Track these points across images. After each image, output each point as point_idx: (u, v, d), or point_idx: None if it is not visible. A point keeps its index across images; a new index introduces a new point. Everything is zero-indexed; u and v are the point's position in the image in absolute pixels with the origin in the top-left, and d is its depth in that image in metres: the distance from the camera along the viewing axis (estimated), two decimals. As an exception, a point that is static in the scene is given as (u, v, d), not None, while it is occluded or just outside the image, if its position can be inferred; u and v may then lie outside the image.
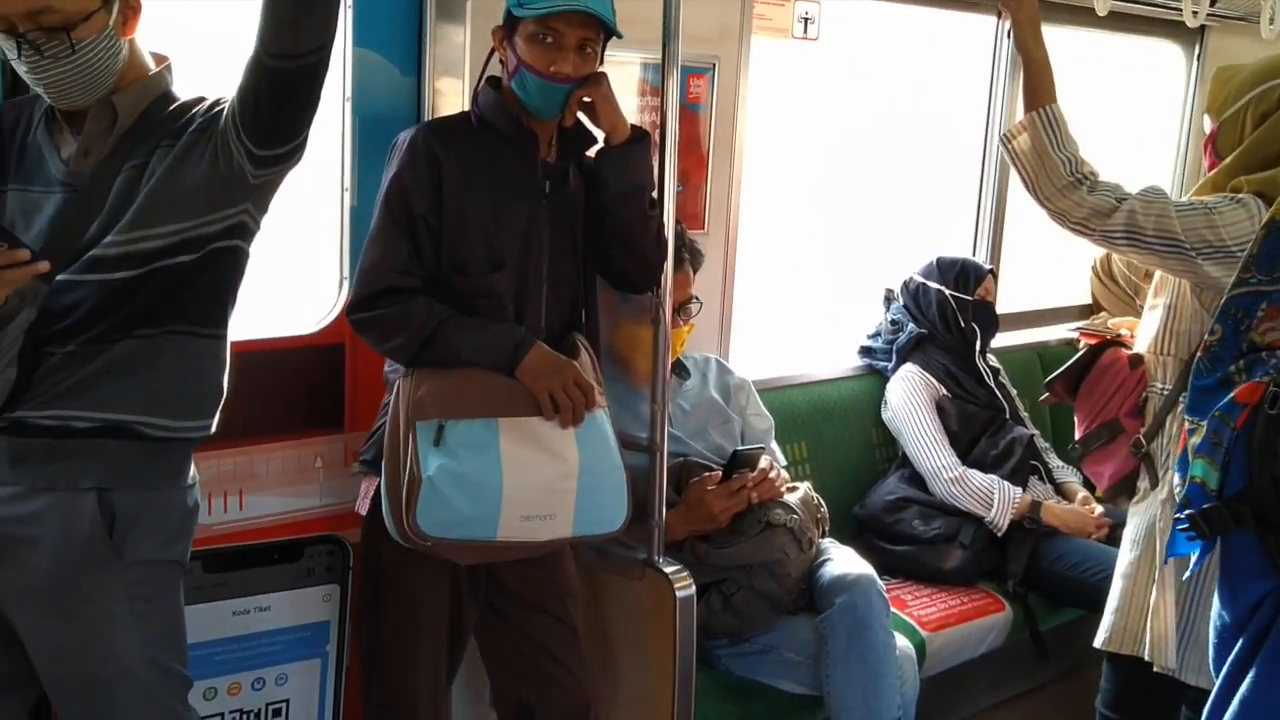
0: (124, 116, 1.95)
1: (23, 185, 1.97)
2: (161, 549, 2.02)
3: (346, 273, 2.55)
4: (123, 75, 1.94)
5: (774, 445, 3.04)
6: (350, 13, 2.44)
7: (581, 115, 2.33)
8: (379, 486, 2.27)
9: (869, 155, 4.09)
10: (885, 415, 3.58)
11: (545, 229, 2.32)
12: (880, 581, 2.77)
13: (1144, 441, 2.62)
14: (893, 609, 2.85)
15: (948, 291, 3.60)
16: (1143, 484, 2.65)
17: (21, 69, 1.86)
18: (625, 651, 2.62)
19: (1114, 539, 2.98)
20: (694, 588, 2.47)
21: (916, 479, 3.44)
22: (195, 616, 2.17)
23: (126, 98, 1.95)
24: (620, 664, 2.63)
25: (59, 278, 1.88)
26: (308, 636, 2.60)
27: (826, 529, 2.89)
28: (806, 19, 3.34)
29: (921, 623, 3.07)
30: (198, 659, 2.17)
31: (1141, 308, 2.84)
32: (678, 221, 2.49)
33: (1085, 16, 3.63)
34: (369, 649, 2.47)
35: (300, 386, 2.57)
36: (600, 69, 2.29)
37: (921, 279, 3.67)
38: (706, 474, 2.74)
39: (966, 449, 3.46)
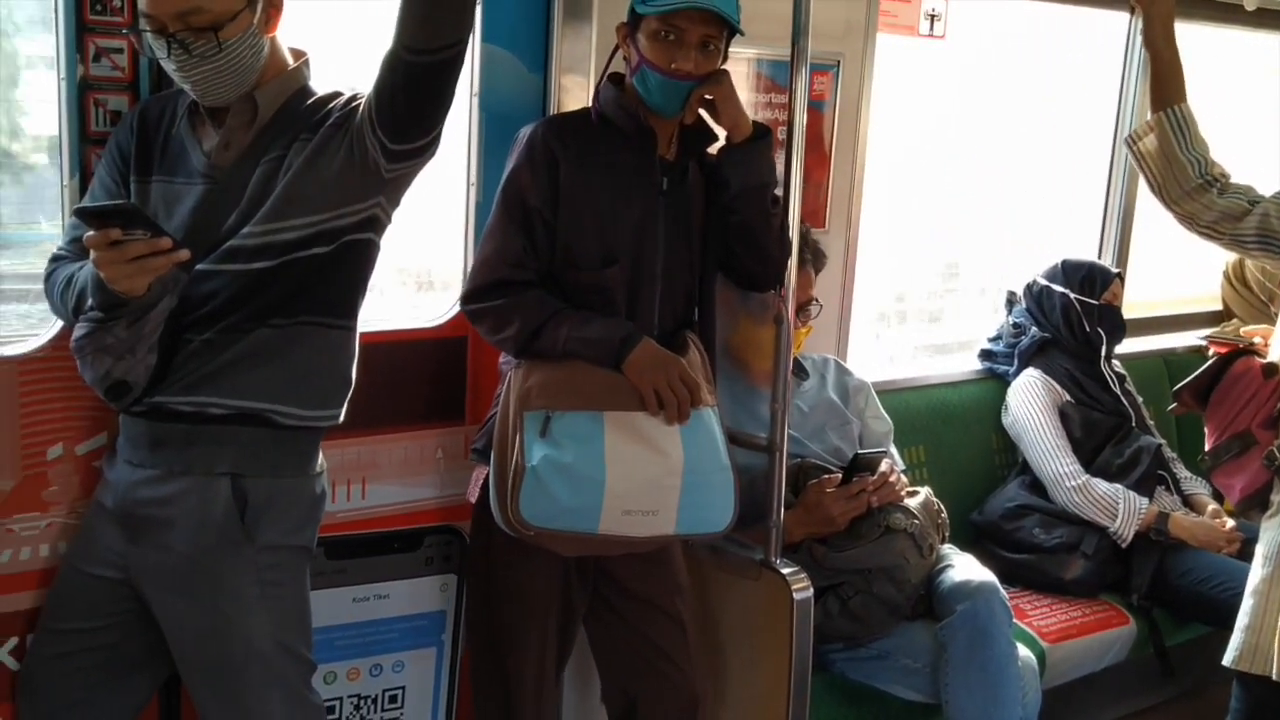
0: (264, 111, 2.00)
1: (166, 177, 2.03)
2: (291, 534, 2.07)
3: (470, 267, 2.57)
4: (264, 71, 1.99)
5: (893, 449, 2.99)
6: (480, 9, 2.47)
7: (703, 112, 2.32)
8: (489, 475, 2.29)
9: (994, 155, 4.01)
10: (1006, 420, 3.51)
11: (660, 226, 2.31)
12: (1003, 590, 2.71)
13: (1278, 455, 2.53)
14: (1014, 619, 2.79)
15: (1073, 295, 3.51)
16: (1276, 498, 2.56)
17: (170, 67, 1.92)
18: (737, 651, 2.60)
19: (1245, 554, 2.89)
20: (811, 590, 2.44)
21: (1037, 486, 3.37)
22: (317, 602, 2.20)
23: (267, 93, 2.00)
24: (731, 663, 2.61)
25: (198, 267, 1.93)
26: (424, 625, 2.64)
27: (947, 535, 2.85)
28: (933, 16, 3.29)
29: (1042, 633, 3.00)
30: (319, 643, 2.21)
31: (1276, 314, 2.75)
32: (802, 221, 2.46)
33: (1231, 13, 3.50)
34: (478, 636, 2.49)
35: (424, 378, 2.60)
36: (728, 65, 2.28)
37: (1045, 282, 3.59)
38: (825, 476, 2.71)
39: (1090, 457, 3.37)
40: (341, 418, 2.13)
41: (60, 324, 2.13)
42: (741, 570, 2.52)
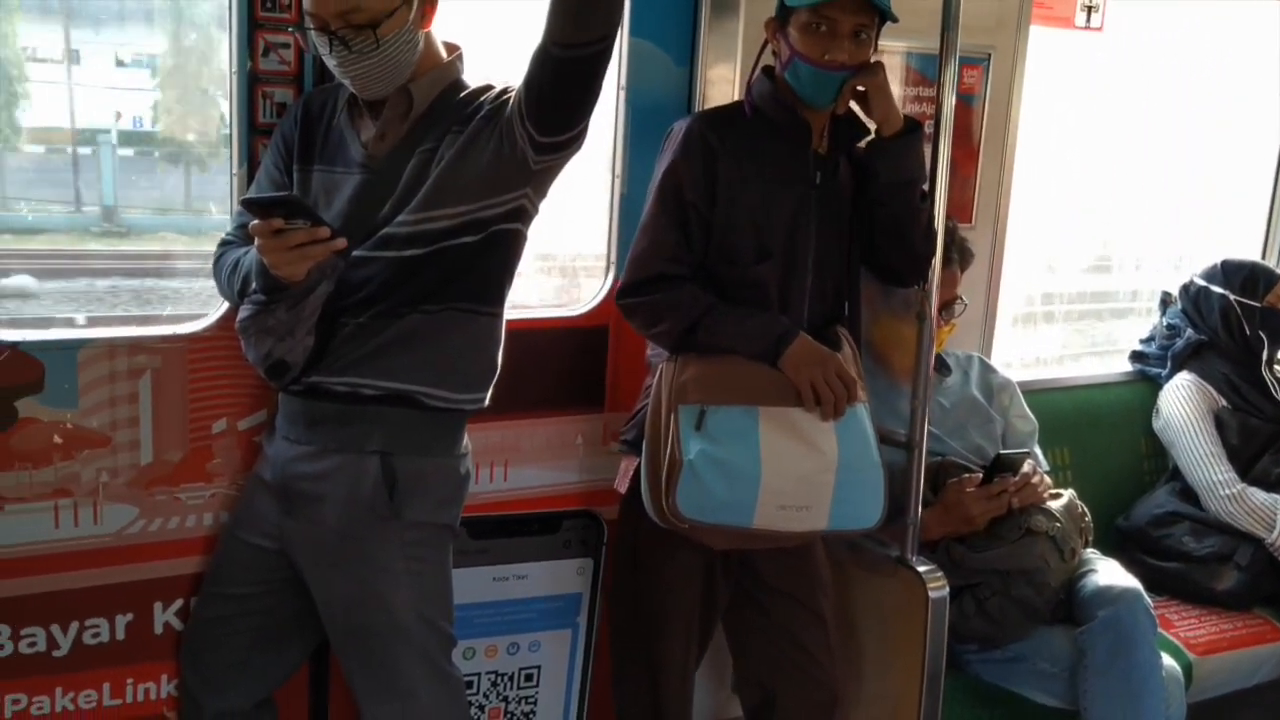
0: (418, 104, 2.07)
1: (326, 166, 2.12)
2: (436, 512, 2.14)
3: (614, 258, 2.62)
4: (419, 65, 2.06)
5: (1036, 450, 2.93)
6: (629, 4, 2.50)
7: (854, 105, 2.31)
8: (638, 466, 2.32)
9: (1152, 151, 3.87)
10: (1157, 425, 3.40)
11: (813, 220, 2.31)
12: (1147, 598, 2.64)
13: None
14: (1159, 628, 2.71)
15: (1233, 296, 3.37)
16: None
17: (331, 63, 2.01)
18: (871, 648, 2.59)
19: None
20: (947, 589, 2.41)
21: (1188, 493, 3.26)
22: (459, 580, 2.28)
23: (421, 86, 2.07)
24: (865, 660, 2.60)
25: (354, 253, 2.02)
26: (561, 607, 2.69)
27: (1090, 539, 2.78)
28: (1090, 8, 3.20)
29: (1189, 644, 2.90)
30: (459, 620, 2.28)
31: None
32: (949, 218, 2.43)
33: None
34: (621, 624, 2.53)
35: (565, 366, 2.65)
36: (876, 57, 2.26)
37: (1204, 282, 3.45)
38: (966, 475, 2.67)
39: (1247, 466, 3.24)
40: (487, 402, 2.19)
41: (226, 305, 2.24)
42: (877, 567, 2.51)
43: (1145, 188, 3.91)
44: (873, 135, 2.33)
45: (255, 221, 1.88)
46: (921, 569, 2.42)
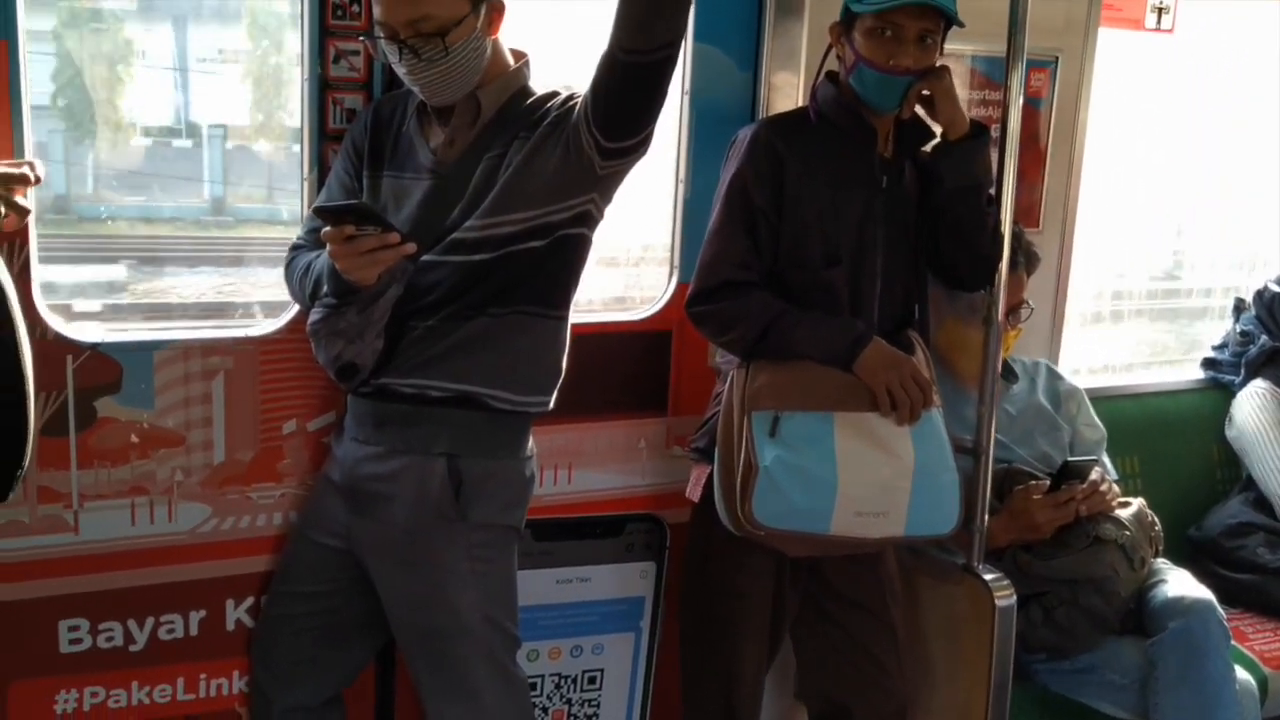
0: (486, 110, 2.09)
1: (396, 172, 2.16)
2: (501, 514, 2.16)
3: (678, 262, 2.62)
4: (487, 72, 2.08)
5: (1105, 458, 2.89)
6: (693, 8, 2.50)
7: (919, 109, 2.30)
8: (710, 474, 2.32)
9: (1223, 156, 3.81)
10: (1230, 433, 3.34)
11: (880, 224, 2.30)
12: (1220, 609, 2.59)
13: None
14: (1232, 640, 2.65)
15: (1309, 302, 3.31)
16: None
17: (401, 71, 2.04)
18: (938, 657, 2.56)
19: None
20: (1014, 598, 2.39)
21: (1263, 503, 3.20)
22: (523, 581, 2.30)
23: (489, 93, 2.09)
24: (933, 669, 2.58)
25: (423, 258, 2.04)
26: (624, 610, 2.70)
27: (1160, 549, 2.73)
28: (1160, 9, 3.15)
29: (1264, 658, 2.85)
30: (523, 622, 2.29)
31: None
32: (1015, 221, 2.41)
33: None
34: (692, 631, 2.53)
35: (629, 369, 2.67)
36: (941, 61, 2.25)
37: (1278, 288, 3.39)
38: (1032, 482, 2.64)
39: (1323, 476, 3.17)
40: (552, 405, 2.21)
41: (296, 308, 2.28)
42: (943, 575, 2.49)
43: (1216, 190, 3.84)
44: (938, 139, 2.32)
45: (328, 228, 1.92)
46: (988, 577, 2.40)
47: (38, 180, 1.81)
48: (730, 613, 2.43)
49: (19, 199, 1.75)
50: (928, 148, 2.35)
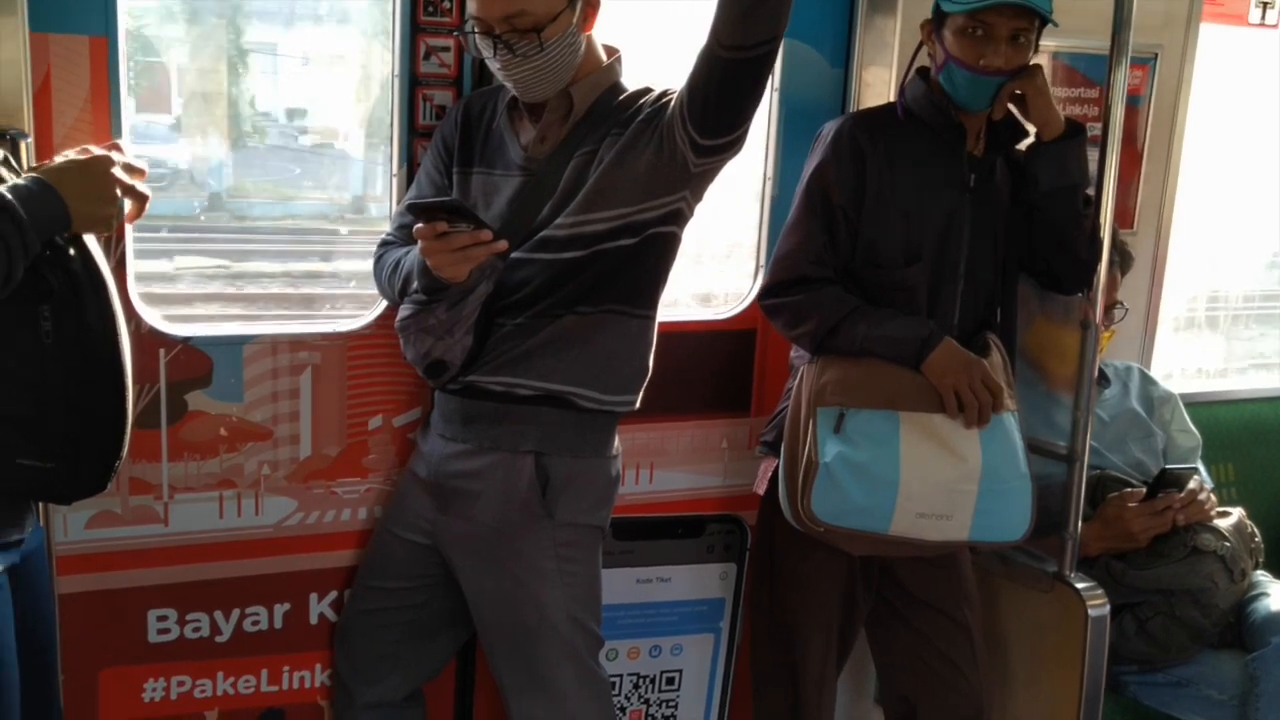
0: (578, 106, 2.08)
1: (486, 169, 2.15)
2: (587, 513, 2.15)
3: (763, 260, 2.59)
4: (580, 68, 2.06)
5: (1200, 466, 2.82)
6: (792, 4, 2.48)
7: (1012, 107, 2.25)
8: (777, 468, 2.30)
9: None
10: (1332, 442, 3.24)
11: (966, 224, 2.26)
12: (1326, 625, 2.51)
13: None
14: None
15: None
16: None
17: (495, 66, 2.03)
18: (1023, 664, 2.52)
19: None
20: (1108, 607, 2.33)
21: (1368, 515, 3.09)
22: (604, 580, 2.27)
23: (582, 89, 2.07)
24: (1016, 676, 2.53)
25: (512, 255, 2.03)
26: (704, 611, 2.69)
27: (1261, 560, 2.66)
28: (1265, 4, 3.06)
29: (1368, 676, 2.74)
30: (603, 621, 2.28)
31: None
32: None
33: None
34: (761, 627, 2.51)
35: (713, 369, 2.64)
36: (1035, 60, 2.20)
37: (1382, 293, 3.28)
38: (1128, 490, 2.58)
39: None
40: (638, 404, 2.19)
41: (385, 304, 2.29)
42: (1032, 582, 2.44)
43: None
44: (1032, 138, 2.27)
45: (420, 224, 1.91)
46: (1080, 585, 2.35)
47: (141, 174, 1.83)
48: (795, 607, 2.41)
49: (139, 185, 1.76)
50: (1022, 146, 2.30)
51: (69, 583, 2.17)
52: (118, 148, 1.83)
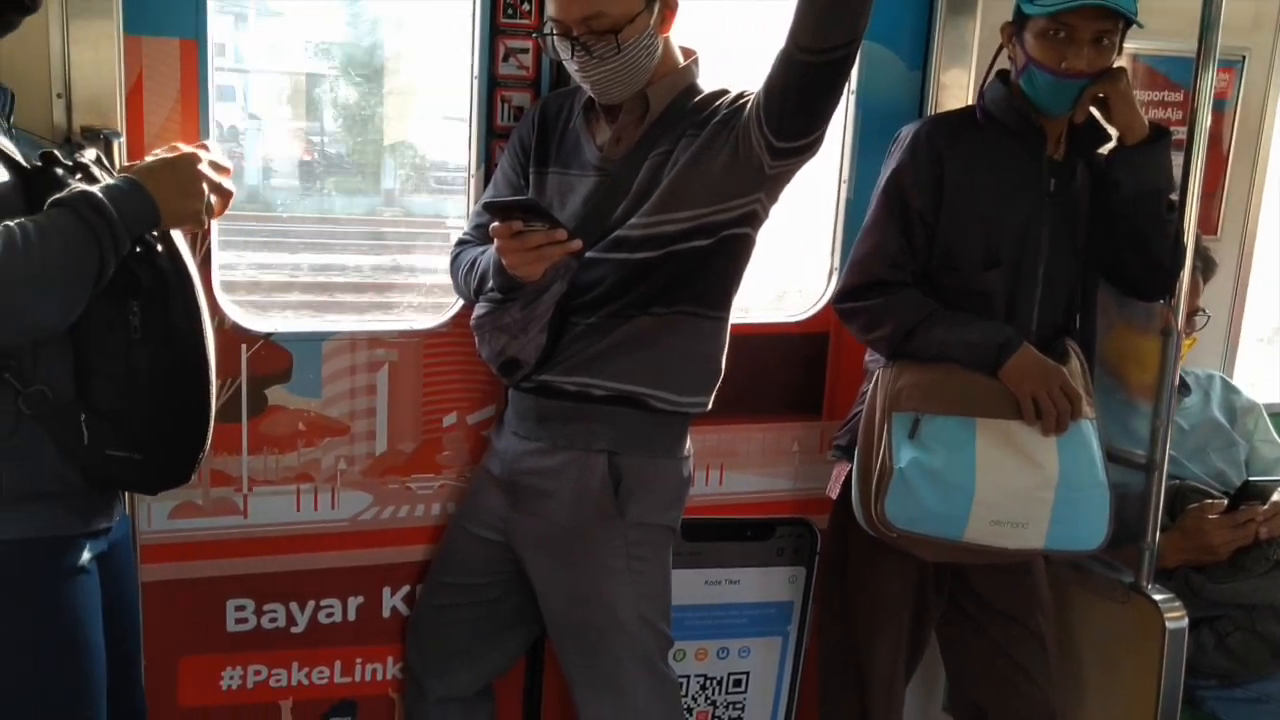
0: (654, 108, 2.09)
1: (562, 169, 2.16)
2: (658, 513, 2.16)
3: (837, 263, 2.58)
4: (656, 70, 2.07)
5: (1285, 477, 2.76)
6: (871, 6, 2.46)
7: (1094, 110, 2.22)
8: (850, 472, 2.29)
9: None
10: None
11: (1046, 229, 2.24)
12: None
13: None
14: None
15: None
16: None
17: (572, 68, 2.04)
18: (1097, 675, 2.48)
19: None
20: (1186, 620, 2.29)
21: None
22: (673, 581, 2.27)
23: (658, 90, 2.08)
24: (1089, 688, 2.50)
25: (587, 255, 2.04)
26: (772, 614, 2.68)
27: (1348, 576, 2.59)
28: (1359, 5, 2.97)
29: None
30: (672, 621, 2.29)
31: None
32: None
33: None
34: (831, 631, 2.51)
35: (785, 372, 2.64)
36: (1118, 63, 2.17)
37: None
38: (1208, 501, 2.53)
39: None
40: (710, 405, 2.20)
41: (460, 303, 2.32)
42: (1108, 592, 2.40)
43: None
44: (1114, 143, 2.24)
45: (496, 224, 1.93)
46: (1158, 597, 2.31)
47: (227, 172, 1.87)
48: (866, 612, 2.40)
49: (225, 181, 1.81)
50: (1104, 150, 2.27)
51: (152, 571, 2.23)
52: (205, 147, 1.88)
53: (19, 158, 1.63)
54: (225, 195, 1.82)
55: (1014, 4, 2.19)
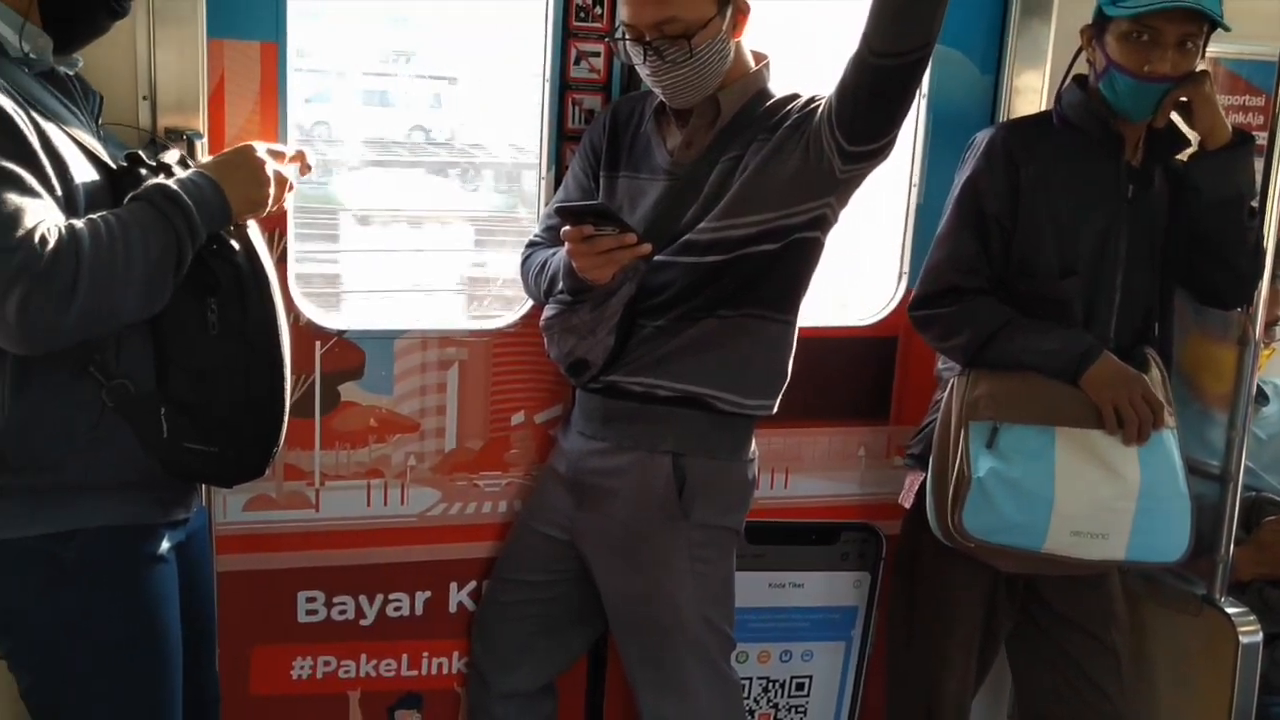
0: (725, 112, 2.09)
1: (632, 172, 2.18)
2: (722, 515, 2.17)
3: (907, 268, 2.57)
4: (728, 74, 2.07)
5: (1366, 492, 2.70)
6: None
7: (1175, 116, 2.18)
8: (924, 482, 2.28)
9: None
10: None
11: (1124, 236, 2.21)
12: None
13: None
14: None
15: None
16: None
17: (644, 72, 2.05)
18: (1168, 689, 2.45)
19: None
20: (1260, 634, 2.25)
21: None
22: (736, 583, 2.27)
23: (729, 95, 2.09)
24: (1161, 702, 2.46)
25: (655, 258, 2.05)
26: (836, 619, 2.67)
27: None
28: None
29: None
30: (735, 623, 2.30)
31: None
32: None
33: None
34: (897, 643, 2.49)
35: (851, 376, 2.63)
36: (1202, 66, 2.13)
37: None
38: (1285, 513, 2.49)
39: None
40: (775, 409, 2.20)
41: (529, 303, 2.34)
42: (1180, 604, 2.37)
43: None
44: (1194, 148, 2.20)
45: (567, 227, 1.95)
46: (1232, 611, 2.28)
47: (308, 169, 1.91)
48: (937, 624, 2.38)
49: (283, 168, 1.84)
50: (1183, 156, 2.23)
51: (226, 561, 2.28)
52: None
53: (107, 158, 1.68)
54: (283, 181, 1.85)
55: (1094, 6, 2.16)
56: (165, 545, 1.76)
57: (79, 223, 1.51)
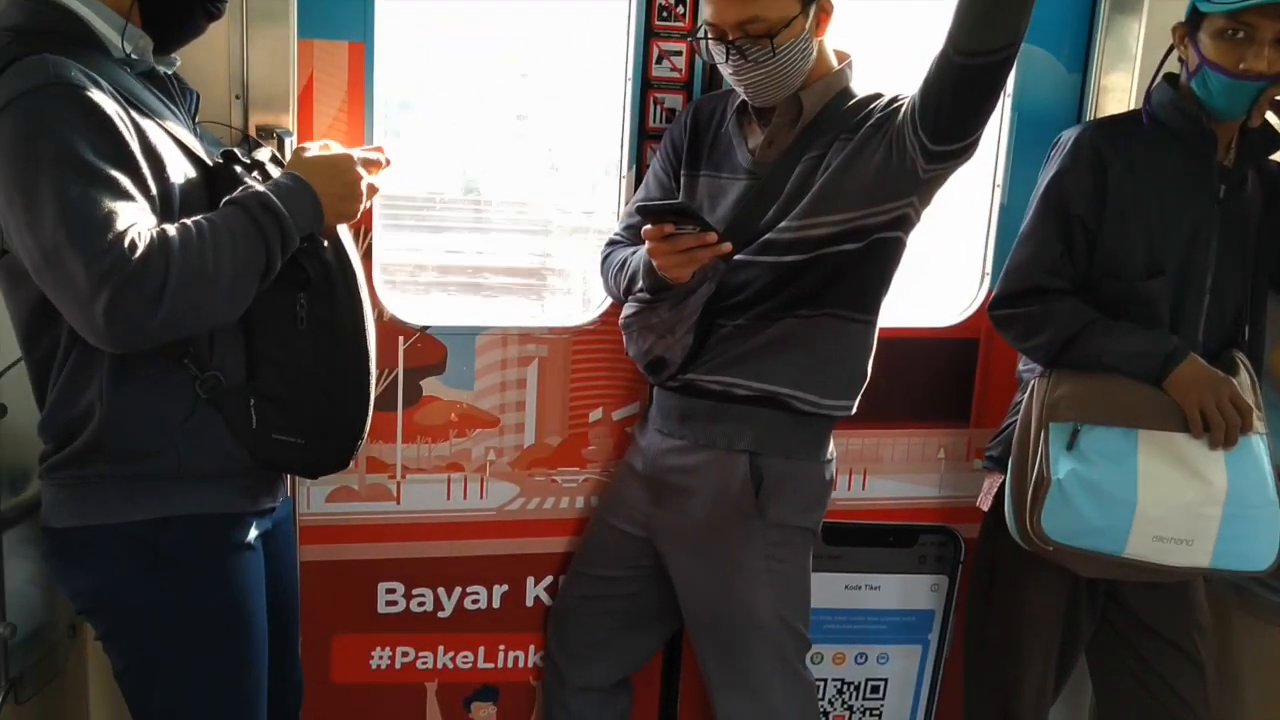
0: (808, 111, 2.09)
1: (713, 172, 2.18)
2: (799, 515, 2.16)
3: (989, 269, 2.54)
4: (810, 73, 2.07)
5: None
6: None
7: (1270, 115, 2.13)
8: (1003, 484, 2.25)
9: None
10: None
11: (1214, 237, 2.16)
12: None
13: None
14: None
15: None
16: None
17: (726, 71, 2.05)
18: (1258, 703, 2.39)
19: None
20: (1355, 649, 2.19)
21: None
22: (812, 584, 2.27)
23: (811, 94, 2.08)
24: (1248, 716, 2.40)
25: (735, 257, 2.05)
26: (912, 622, 2.65)
27: None
28: None
29: None
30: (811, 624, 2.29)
31: None
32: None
33: None
34: (975, 648, 2.46)
35: (931, 377, 2.60)
36: None
37: None
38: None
39: None
40: (854, 409, 2.19)
41: (609, 301, 2.36)
42: (1271, 616, 2.32)
43: None
44: None
45: (648, 226, 1.96)
46: (1324, 624, 2.22)
47: (388, 163, 1.94)
48: (1015, 629, 2.34)
49: (375, 179, 1.87)
50: (1278, 156, 2.18)
51: (309, 551, 2.33)
52: (380, 150, 1.95)
53: (204, 155, 1.72)
54: (373, 191, 1.88)
55: (1187, 3, 2.11)
56: (253, 534, 1.80)
57: (171, 228, 1.55)
